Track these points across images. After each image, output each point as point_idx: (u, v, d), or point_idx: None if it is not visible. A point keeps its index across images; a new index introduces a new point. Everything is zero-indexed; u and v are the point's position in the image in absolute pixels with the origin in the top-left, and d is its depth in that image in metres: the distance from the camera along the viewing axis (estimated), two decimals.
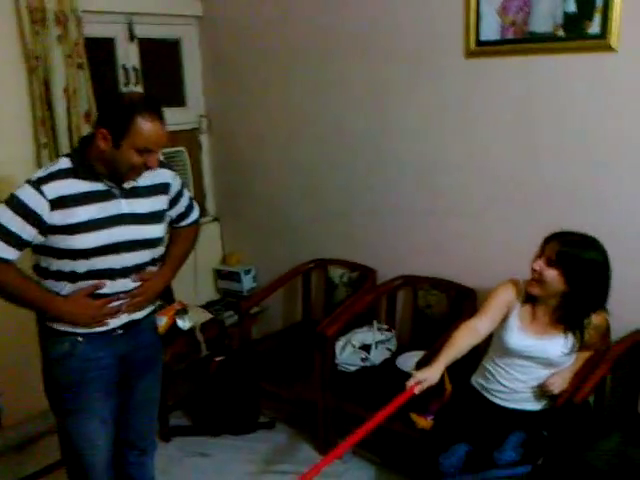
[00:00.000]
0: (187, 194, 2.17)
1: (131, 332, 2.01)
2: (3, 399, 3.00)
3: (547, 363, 2.21)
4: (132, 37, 3.34)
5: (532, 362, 2.22)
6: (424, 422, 2.48)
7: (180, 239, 2.21)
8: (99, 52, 3.20)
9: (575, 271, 2.09)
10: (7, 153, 2.87)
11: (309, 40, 3.20)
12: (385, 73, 2.97)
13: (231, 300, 3.73)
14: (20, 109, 2.92)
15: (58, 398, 2.01)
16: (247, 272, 3.75)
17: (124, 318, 1.98)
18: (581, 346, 2.21)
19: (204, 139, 3.82)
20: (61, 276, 1.87)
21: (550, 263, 2.10)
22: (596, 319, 2.21)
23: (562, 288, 2.11)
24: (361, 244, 3.30)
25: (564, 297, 2.14)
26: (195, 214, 2.23)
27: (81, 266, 1.85)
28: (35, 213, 1.76)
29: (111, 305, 1.93)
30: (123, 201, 1.88)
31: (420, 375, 2.04)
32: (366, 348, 3.01)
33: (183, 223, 2.19)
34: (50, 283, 1.90)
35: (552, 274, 2.10)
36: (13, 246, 1.79)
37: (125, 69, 3.33)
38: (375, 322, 3.15)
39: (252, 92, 3.52)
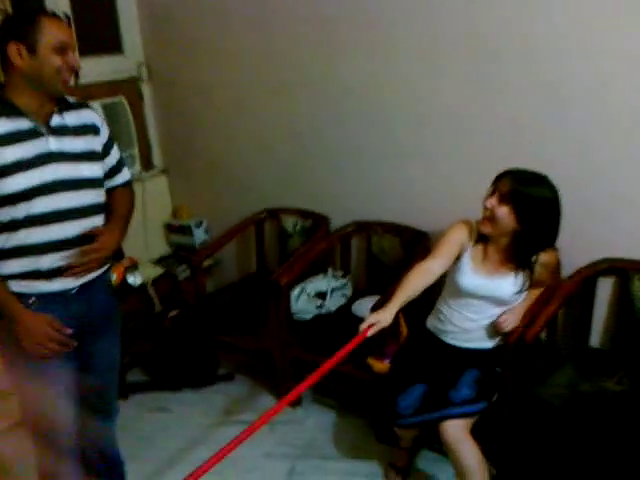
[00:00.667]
0: (117, 148, 2.07)
1: (85, 292, 1.93)
2: None
3: (499, 302, 2.23)
4: None
5: (484, 301, 2.24)
6: (381, 366, 2.51)
7: (117, 202, 2.07)
8: None
9: (526, 208, 2.09)
10: None
11: None
12: (331, 8, 2.86)
13: (183, 254, 3.66)
14: None
15: (14, 365, 1.92)
16: (198, 225, 3.66)
17: (79, 279, 1.90)
18: (531, 284, 2.23)
19: (145, 88, 3.65)
20: (1, 228, 1.77)
21: (502, 200, 2.10)
22: (545, 256, 2.23)
23: (513, 226, 2.11)
24: (313, 192, 3.25)
25: (515, 235, 2.15)
26: (127, 173, 2.13)
27: (21, 211, 1.75)
28: None
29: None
30: (51, 139, 1.80)
31: (373, 317, 2.03)
32: (321, 296, 3.00)
33: (116, 181, 2.07)
34: None
35: (504, 211, 2.09)
36: None
37: None
38: (330, 269, 3.14)
39: (194, 36, 3.36)
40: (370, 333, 2.02)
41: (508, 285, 2.21)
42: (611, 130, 2.37)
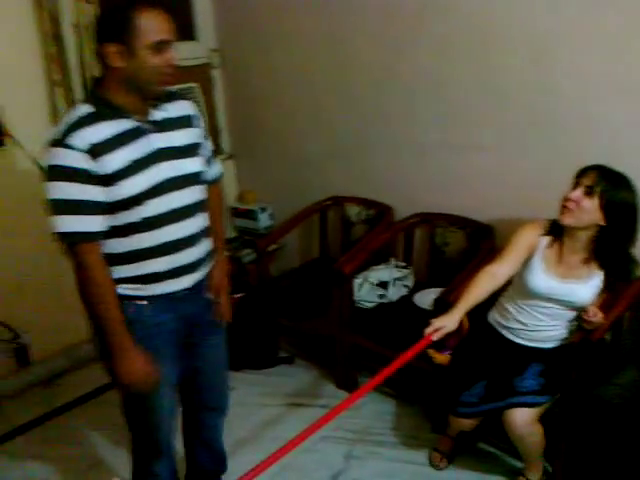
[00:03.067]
0: (209, 139, 2.00)
1: (193, 292, 1.90)
2: (30, 336, 3.08)
3: (572, 306, 2.18)
4: None
5: (556, 304, 2.19)
6: (442, 357, 2.52)
7: (211, 205, 1.98)
8: None
9: (614, 202, 2.01)
10: (19, 93, 2.84)
11: None
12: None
13: (248, 238, 3.74)
14: (30, 46, 2.88)
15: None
16: (263, 210, 3.74)
17: (190, 280, 1.87)
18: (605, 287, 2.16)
19: (216, 74, 3.74)
20: (114, 232, 1.71)
21: (588, 193, 2.03)
22: None
23: (598, 220, 2.04)
24: (377, 181, 3.27)
25: (599, 231, 2.07)
26: (218, 165, 2.05)
27: (136, 215, 1.70)
28: (83, 170, 1.60)
29: None
30: (156, 135, 1.72)
31: (438, 322, 2.03)
32: (383, 285, 3.03)
33: (209, 175, 1.96)
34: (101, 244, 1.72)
35: (590, 204, 2.02)
36: (91, 214, 1.64)
37: None
38: (392, 259, 3.16)
39: (265, 23, 3.42)
40: (435, 338, 2.03)
41: (585, 290, 2.15)
42: None
